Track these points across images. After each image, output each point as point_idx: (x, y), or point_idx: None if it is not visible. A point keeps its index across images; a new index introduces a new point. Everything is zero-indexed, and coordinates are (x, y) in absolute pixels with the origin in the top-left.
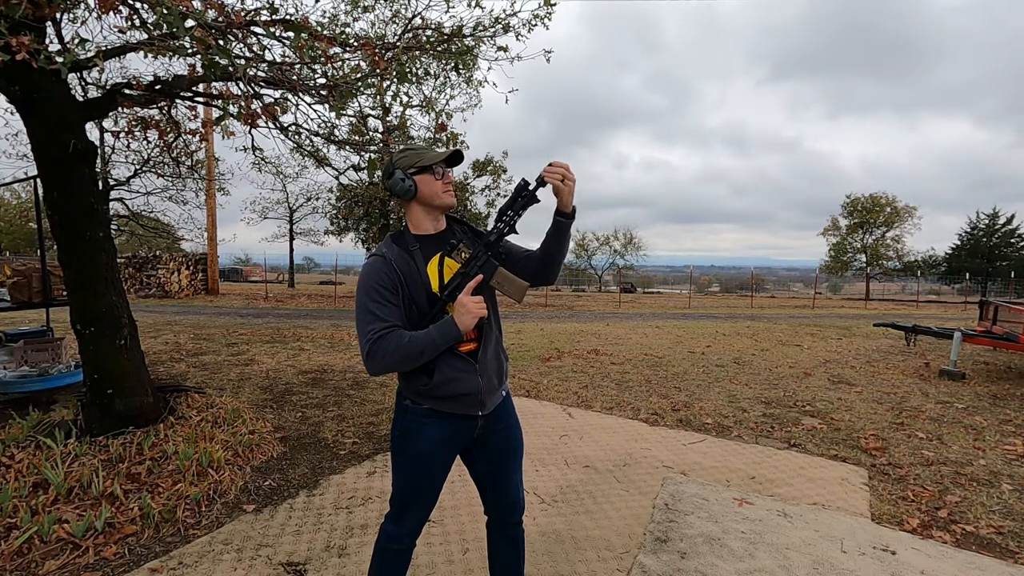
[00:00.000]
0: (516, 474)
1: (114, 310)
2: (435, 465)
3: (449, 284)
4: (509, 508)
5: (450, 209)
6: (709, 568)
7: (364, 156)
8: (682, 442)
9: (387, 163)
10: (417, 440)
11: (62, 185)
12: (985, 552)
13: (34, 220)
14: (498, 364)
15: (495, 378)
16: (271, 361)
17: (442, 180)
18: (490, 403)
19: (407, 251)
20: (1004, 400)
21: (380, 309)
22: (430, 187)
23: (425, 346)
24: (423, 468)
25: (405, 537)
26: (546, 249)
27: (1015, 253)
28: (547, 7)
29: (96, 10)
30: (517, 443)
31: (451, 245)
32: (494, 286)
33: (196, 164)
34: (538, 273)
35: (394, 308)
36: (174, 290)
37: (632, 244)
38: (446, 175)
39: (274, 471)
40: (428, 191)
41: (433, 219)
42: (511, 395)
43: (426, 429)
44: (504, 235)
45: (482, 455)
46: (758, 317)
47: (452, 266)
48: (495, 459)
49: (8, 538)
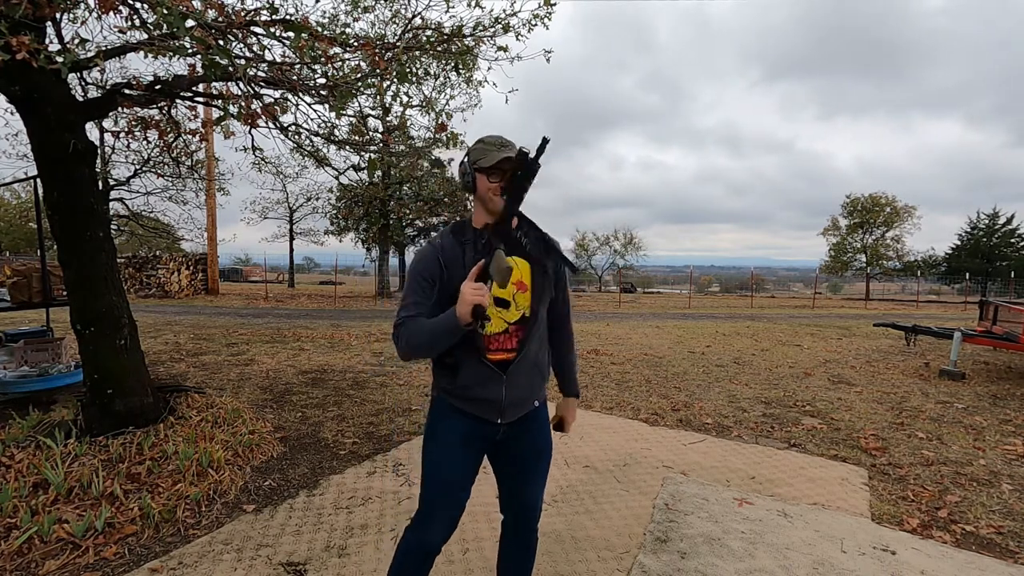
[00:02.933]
0: (536, 483)
1: (114, 310)
2: (458, 459)
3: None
4: (524, 513)
5: (494, 214)
6: (709, 568)
7: (364, 156)
8: (682, 442)
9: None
10: (442, 432)
11: (62, 185)
12: (985, 552)
13: (34, 220)
14: (533, 378)
15: (526, 391)
16: (271, 361)
17: (498, 183)
18: (513, 413)
19: (459, 242)
20: (1004, 400)
21: (413, 296)
22: (483, 186)
23: (432, 334)
24: (447, 461)
25: (434, 539)
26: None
27: (1015, 253)
28: (547, 7)
29: (96, 10)
30: (543, 453)
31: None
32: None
33: (196, 164)
34: (551, 329)
35: (426, 297)
36: (174, 290)
37: (632, 244)
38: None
39: (274, 471)
40: (481, 190)
41: (488, 217)
42: (547, 404)
43: (450, 421)
44: (511, 215)
45: (504, 458)
46: (758, 317)
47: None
48: (516, 465)
49: (8, 538)
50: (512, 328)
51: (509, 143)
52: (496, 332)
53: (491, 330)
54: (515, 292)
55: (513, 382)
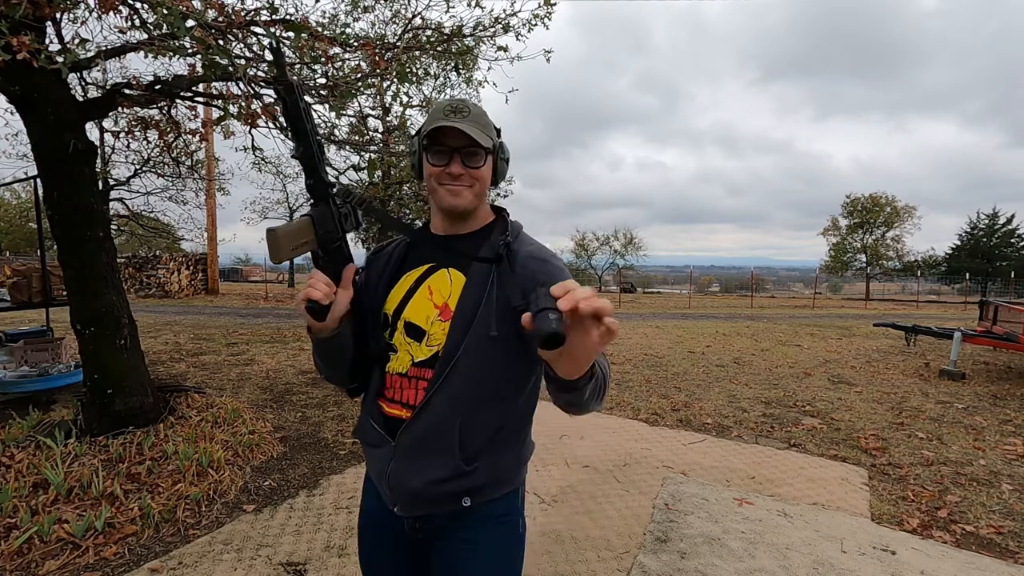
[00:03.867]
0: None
1: (114, 310)
2: (370, 561)
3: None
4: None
5: (453, 213)
6: (709, 568)
7: (364, 156)
8: (682, 442)
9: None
10: (363, 507)
11: (62, 185)
12: (985, 552)
13: (34, 220)
14: (446, 459)
15: (431, 475)
16: (271, 361)
17: (443, 168)
18: (412, 506)
19: (398, 247)
20: (1004, 400)
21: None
22: (427, 171)
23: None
24: (364, 561)
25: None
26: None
27: (1015, 253)
28: (547, 7)
29: (96, 10)
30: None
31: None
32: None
33: (196, 164)
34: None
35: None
36: (174, 290)
37: (632, 244)
38: (451, 166)
39: (274, 471)
40: (425, 175)
41: (440, 216)
42: (516, 516)
43: (367, 490)
44: (308, 159)
45: (425, 570)
46: (758, 317)
47: (438, 288)
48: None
49: (8, 538)
50: (412, 371)
51: (465, 108)
52: (397, 372)
53: (393, 368)
54: (434, 317)
55: (405, 456)
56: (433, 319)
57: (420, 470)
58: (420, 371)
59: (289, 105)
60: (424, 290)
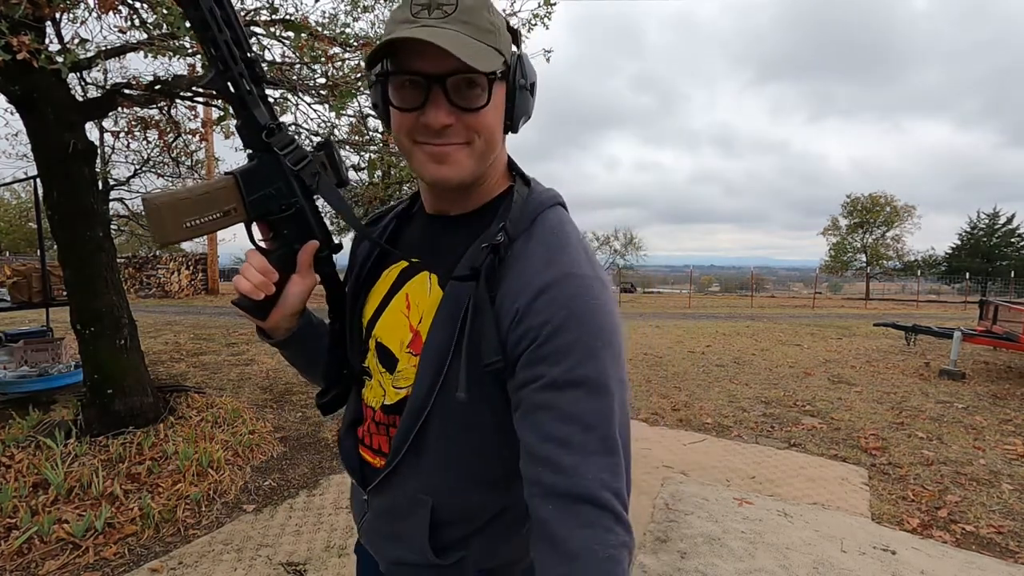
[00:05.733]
0: None
1: (114, 310)
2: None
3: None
4: None
5: (438, 186)
6: (709, 568)
7: (364, 156)
8: (682, 442)
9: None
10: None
11: (62, 185)
12: (985, 552)
13: (34, 220)
14: (422, 549)
15: (402, 556)
16: (271, 361)
17: (416, 116)
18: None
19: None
20: (1004, 400)
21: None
22: (394, 120)
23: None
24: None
25: None
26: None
27: (1015, 253)
28: (547, 7)
29: (96, 10)
30: None
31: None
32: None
33: (196, 164)
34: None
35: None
36: (174, 290)
37: (632, 244)
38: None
39: (274, 471)
40: (392, 127)
41: (426, 187)
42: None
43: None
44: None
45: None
46: (758, 317)
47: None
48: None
49: (8, 538)
50: (380, 415)
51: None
52: (370, 405)
53: (368, 398)
54: (407, 343)
55: (377, 517)
56: (406, 345)
57: (390, 542)
58: (389, 418)
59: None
60: (400, 300)
